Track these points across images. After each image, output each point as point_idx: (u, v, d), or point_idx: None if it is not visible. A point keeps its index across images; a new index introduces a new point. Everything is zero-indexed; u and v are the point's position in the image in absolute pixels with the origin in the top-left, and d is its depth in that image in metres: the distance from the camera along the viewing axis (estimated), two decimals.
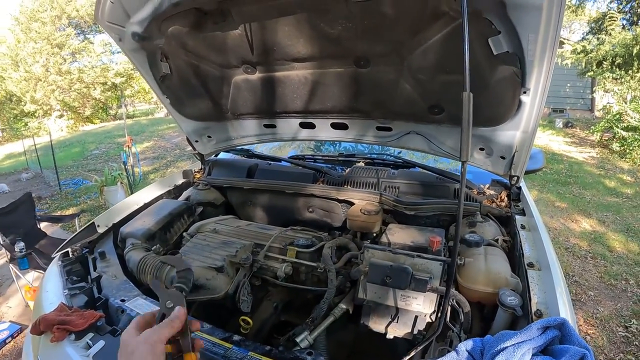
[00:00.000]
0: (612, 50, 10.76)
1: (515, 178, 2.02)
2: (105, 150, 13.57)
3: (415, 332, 1.48)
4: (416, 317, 1.48)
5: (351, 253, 1.92)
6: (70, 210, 7.17)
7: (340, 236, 2.15)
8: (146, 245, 2.04)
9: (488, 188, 2.31)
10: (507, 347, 0.97)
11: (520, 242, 1.73)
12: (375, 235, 2.18)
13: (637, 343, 3.32)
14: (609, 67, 11.14)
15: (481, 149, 2.03)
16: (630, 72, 10.70)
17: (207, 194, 2.70)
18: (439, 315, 1.41)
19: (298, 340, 1.46)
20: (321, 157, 3.06)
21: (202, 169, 3.04)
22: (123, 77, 22.99)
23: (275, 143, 3.76)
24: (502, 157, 1.98)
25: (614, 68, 11.04)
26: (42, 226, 4.90)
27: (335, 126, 2.39)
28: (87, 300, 1.63)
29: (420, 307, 1.46)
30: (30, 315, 3.84)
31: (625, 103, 10.31)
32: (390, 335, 1.55)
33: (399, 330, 1.51)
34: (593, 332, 3.46)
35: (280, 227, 2.19)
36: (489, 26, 1.41)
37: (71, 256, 1.99)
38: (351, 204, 2.35)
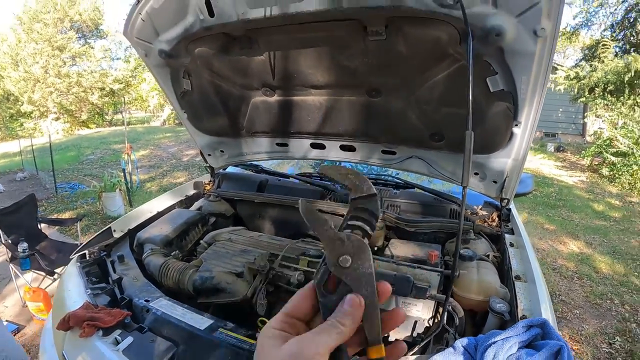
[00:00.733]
0: (604, 77, 10.99)
1: (506, 200, 2.21)
2: (101, 155, 13.55)
3: (415, 335, 1.64)
4: (416, 322, 1.65)
5: None
6: (67, 214, 7.19)
7: None
8: (164, 251, 2.18)
9: (481, 209, 2.50)
10: (496, 341, 1.15)
11: (508, 257, 1.91)
12: (378, 248, 2.36)
13: (620, 359, 3.43)
14: (601, 93, 11.40)
15: (476, 174, 2.22)
16: (621, 99, 10.96)
17: (218, 205, 2.85)
18: (441, 314, 1.57)
19: None
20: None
21: (211, 181, 3.19)
22: (121, 83, 23.08)
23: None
24: (495, 182, 2.17)
25: (606, 95, 11.31)
26: (41, 228, 4.92)
27: (344, 148, 2.55)
28: (110, 300, 1.74)
29: (419, 313, 1.63)
30: (27, 315, 3.90)
31: (616, 129, 10.52)
32: (392, 338, 1.70)
33: (400, 333, 1.66)
34: (578, 348, 3.56)
35: (288, 239, 2.31)
36: (488, 67, 1.60)
37: (88, 258, 2.09)
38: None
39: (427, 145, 2.25)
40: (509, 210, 2.36)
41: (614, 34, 13.75)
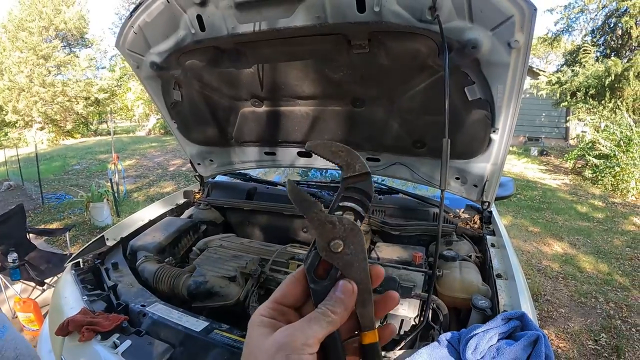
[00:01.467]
0: (586, 81, 11.30)
1: (487, 203, 2.31)
2: (87, 166, 13.39)
3: (402, 333, 1.71)
4: (402, 321, 1.73)
5: None
6: (54, 225, 7.11)
7: None
8: (158, 258, 2.23)
9: (463, 212, 2.61)
10: (477, 333, 1.23)
11: (490, 257, 2.00)
12: None
13: (606, 355, 3.49)
14: (583, 97, 11.68)
15: (457, 178, 2.32)
16: (602, 102, 11.22)
17: (208, 213, 2.91)
18: (424, 308, 1.65)
19: None
20: (314, 183, 3.30)
21: (201, 189, 3.24)
22: (107, 93, 22.84)
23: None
24: (475, 185, 2.27)
25: (588, 99, 11.58)
26: (30, 239, 4.86)
27: None
28: (106, 306, 1.77)
29: (405, 312, 1.71)
30: (17, 327, 3.77)
31: (598, 132, 10.69)
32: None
33: None
34: (564, 346, 3.62)
35: (278, 244, 2.37)
36: (466, 77, 1.70)
37: (83, 266, 2.12)
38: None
39: (410, 152, 2.34)
40: (490, 212, 2.45)
41: (595, 39, 14.09)
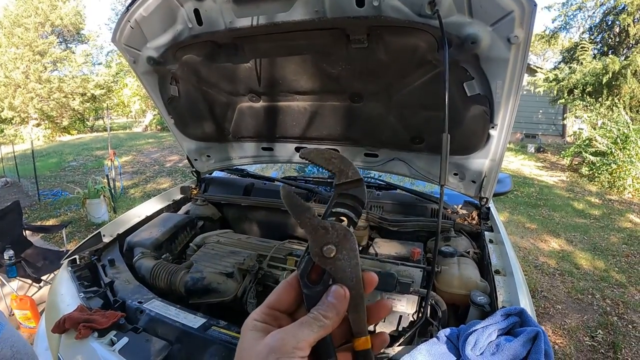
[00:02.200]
0: (583, 78, 11.27)
1: (485, 199, 2.30)
2: (83, 162, 13.34)
3: (400, 329, 1.70)
4: (400, 317, 1.71)
5: None
6: (51, 222, 7.08)
7: None
8: (155, 254, 2.21)
9: (461, 208, 2.60)
10: (477, 329, 1.23)
11: (488, 253, 1.99)
12: (362, 247, 2.43)
13: (602, 351, 3.50)
14: (580, 95, 11.70)
15: (455, 174, 2.31)
16: (599, 99, 11.24)
17: (205, 209, 2.89)
18: (423, 304, 1.64)
19: None
20: (312, 179, 3.28)
21: (198, 185, 3.21)
22: (103, 89, 22.77)
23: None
24: (473, 181, 2.26)
25: (585, 96, 11.59)
26: (26, 235, 4.84)
27: None
28: (103, 303, 1.76)
29: (404, 308, 1.70)
30: (14, 324, 3.81)
31: (595, 129, 10.70)
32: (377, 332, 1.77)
33: (385, 328, 1.72)
34: (561, 342, 3.62)
35: (275, 240, 2.35)
36: (465, 73, 1.70)
37: (79, 263, 2.10)
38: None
39: (408, 148, 2.34)
40: (488, 208, 2.45)
41: (592, 37, 14.10)
